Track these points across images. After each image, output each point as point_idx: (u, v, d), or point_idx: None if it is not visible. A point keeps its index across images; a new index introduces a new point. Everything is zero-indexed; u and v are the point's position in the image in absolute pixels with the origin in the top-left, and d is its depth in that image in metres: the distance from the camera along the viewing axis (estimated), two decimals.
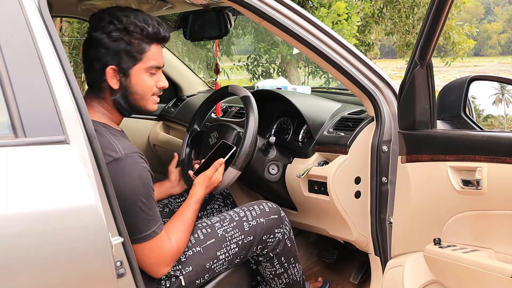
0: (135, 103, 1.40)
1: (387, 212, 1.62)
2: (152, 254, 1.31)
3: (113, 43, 1.31)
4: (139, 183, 1.27)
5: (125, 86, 1.36)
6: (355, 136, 1.66)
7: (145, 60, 1.36)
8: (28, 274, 0.98)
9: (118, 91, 1.36)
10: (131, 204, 1.25)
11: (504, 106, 1.79)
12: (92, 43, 1.33)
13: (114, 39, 1.31)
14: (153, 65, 1.37)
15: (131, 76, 1.36)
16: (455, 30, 7.05)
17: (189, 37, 2.22)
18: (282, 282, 1.65)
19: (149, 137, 2.79)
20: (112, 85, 1.35)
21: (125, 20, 1.32)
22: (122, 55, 1.33)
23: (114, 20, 1.32)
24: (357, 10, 6.13)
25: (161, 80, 1.42)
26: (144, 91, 1.38)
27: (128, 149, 1.29)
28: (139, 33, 1.33)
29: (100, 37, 1.32)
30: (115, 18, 1.32)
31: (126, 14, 1.34)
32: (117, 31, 1.32)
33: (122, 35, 1.32)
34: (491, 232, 1.36)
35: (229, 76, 7.87)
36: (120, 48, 1.32)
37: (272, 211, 1.59)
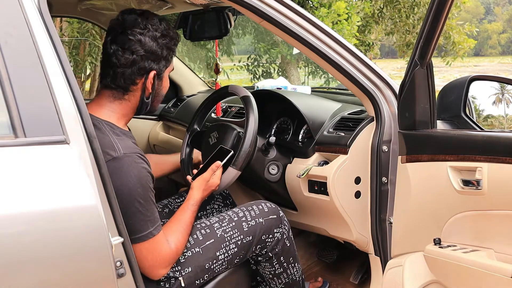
0: (155, 105, 1.47)
1: (387, 212, 1.62)
2: (149, 255, 1.31)
3: (159, 49, 1.36)
4: (137, 183, 1.27)
5: (156, 89, 1.42)
6: (355, 136, 1.66)
7: (171, 64, 1.45)
8: (28, 274, 0.98)
9: (149, 93, 1.41)
10: (128, 204, 1.24)
11: (504, 106, 1.79)
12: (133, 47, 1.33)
13: (161, 45, 1.37)
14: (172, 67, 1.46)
15: (163, 79, 1.44)
16: (455, 30, 7.06)
17: (189, 37, 2.22)
18: (281, 282, 1.65)
19: (149, 137, 2.79)
20: (149, 88, 1.39)
21: (164, 25, 1.38)
22: (162, 60, 1.39)
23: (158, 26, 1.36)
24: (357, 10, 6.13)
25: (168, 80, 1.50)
26: (165, 92, 1.47)
27: (127, 149, 1.29)
28: (175, 39, 1.42)
29: (147, 42, 1.34)
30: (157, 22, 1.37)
31: (159, 18, 1.39)
32: (163, 38, 1.37)
33: (167, 41, 1.38)
34: (491, 232, 1.36)
35: (229, 76, 7.88)
36: (163, 54, 1.38)
37: (271, 211, 1.59)
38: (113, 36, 1.35)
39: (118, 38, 1.34)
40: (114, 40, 1.35)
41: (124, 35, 1.34)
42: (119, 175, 1.23)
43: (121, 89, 1.37)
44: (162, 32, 1.37)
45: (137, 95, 1.39)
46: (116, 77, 1.36)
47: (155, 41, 1.35)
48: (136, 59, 1.34)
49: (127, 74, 1.35)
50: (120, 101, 1.38)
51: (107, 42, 1.37)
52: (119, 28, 1.35)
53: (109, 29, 1.38)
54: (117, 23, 1.37)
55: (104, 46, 1.39)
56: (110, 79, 1.36)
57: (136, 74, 1.36)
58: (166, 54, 1.39)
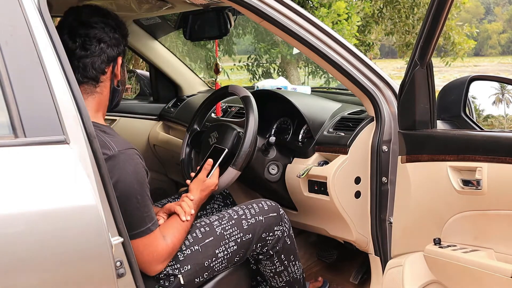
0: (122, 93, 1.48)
1: (387, 212, 1.62)
2: (146, 251, 1.31)
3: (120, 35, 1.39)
4: (134, 179, 1.27)
5: (123, 76, 1.45)
6: (355, 136, 1.66)
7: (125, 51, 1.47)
8: (28, 274, 0.98)
9: (118, 81, 1.43)
10: (126, 201, 1.24)
11: (504, 106, 1.79)
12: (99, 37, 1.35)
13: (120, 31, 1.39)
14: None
15: (124, 67, 1.45)
16: (455, 30, 7.07)
17: (189, 37, 2.22)
18: (282, 280, 1.65)
19: (149, 137, 2.79)
20: (118, 75, 1.41)
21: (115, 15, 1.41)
22: (122, 45, 1.41)
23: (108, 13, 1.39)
24: (357, 10, 6.14)
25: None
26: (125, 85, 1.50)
27: (122, 146, 1.29)
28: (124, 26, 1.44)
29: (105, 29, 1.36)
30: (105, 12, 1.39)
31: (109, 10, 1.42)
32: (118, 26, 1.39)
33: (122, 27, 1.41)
34: (491, 232, 1.36)
35: (229, 76, 7.87)
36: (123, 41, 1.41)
37: (271, 209, 1.59)
38: (71, 31, 1.35)
39: (79, 30, 1.35)
40: (75, 34, 1.35)
41: (85, 26, 1.35)
42: (116, 172, 1.23)
43: (92, 81, 1.37)
44: (115, 20, 1.40)
45: (108, 85, 1.40)
46: (86, 69, 1.35)
47: (114, 28, 1.38)
48: (103, 47, 1.35)
49: (97, 63, 1.36)
50: (93, 95, 1.38)
51: (65, 40, 1.34)
52: (75, 22, 1.36)
53: (61, 27, 1.37)
54: (70, 19, 1.38)
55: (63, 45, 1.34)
56: (80, 74, 1.35)
57: (105, 63, 1.37)
58: (124, 41, 1.42)
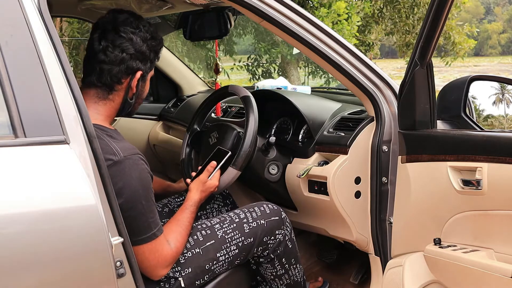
0: (136, 106, 1.47)
1: (387, 212, 1.62)
2: (151, 256, 1.31)
3: (148, 50, 1.38)
4: (139, 185, 1.27)
5: (140, 90, 1.43)
6: (355, 136, 1.66)
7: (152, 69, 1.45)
8: (28, 274, 0.98)
9: (133, 94, 1.41)
10: (132, 206, 1.24)
11: (504, 106, 1.79)
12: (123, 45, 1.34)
13: (150, 47, 1.38)
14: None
15: (146, 82, 1.44)
16: (455, 30, 7.06)
17: (189, 37, 2.22)
18: (283, 283, 1.65)
19: (149, 137, 2.79)
20: (134, 88, 1.40)
21: (152, 28, 1.40)
22: (148, 62, 1.40)
23: (148, 28, 1.38)
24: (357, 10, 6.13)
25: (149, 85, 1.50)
26: (145, 95, 1.47)
27: (127, 151, 1.28)
28: (161, 43, 1.44)
29: (137, 42, 1.35)
30: (147, 24, 1.39)
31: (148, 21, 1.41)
32: (152, 40, 1.39)
33: (155, 43, 1.40)
34: (491, 232, 1.36)
35: (229, 76, 7.87)
36: (150, 56, 1.40)
37: (273, 213, 1.59)
38: (103, 32, 1.35)
39: (108, 35, 1.34)
40: (104, 37, 1.34)
41: (115, 32, 1.34)
42: (121, 178, 1.22)
43: (106, 87, 1.36)
44: (152, 35, 1.39)
45: (121, 95, 1.39)
46: (102, 74, 1.35)
47: (145, 42, 1.37)
48: (125, 57, 1.34)
49: (114, 72, 1.34)
50: (104, 101, 1.37)
51: (94, 39, 1.36)
52: (109, 25, 1.35)
53: (97, 26, 1.38)
54: (107, 20, 1.37)
55: (90, 43, 1.37)
56: (96, 76, 1.35)
57: (123, 73, 1.35)
58: (153, 56, 1.41)
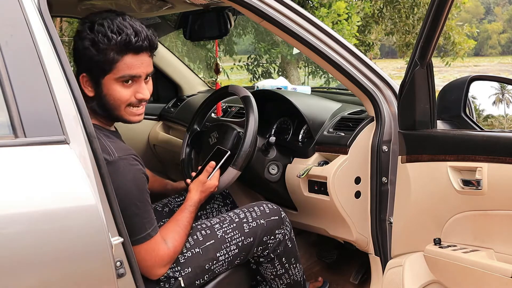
0: (111, 112, 1.36)
1: (387, 212, 1.62)
2: (148, 256, 1.31)
3: (83, 50, 1.28)
4: (133, 186, 1.27)
5: (98, 95, 1.33)
6: (355, 136, 1.66)
7: (116, 71, 1.29)
8: (28, 274, 0.98)
9: (93, 99, 1.33)
10: (125, 207, 1.23)
11: (504, 106, 1.79)
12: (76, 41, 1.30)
13: (84, 47, 1.28)
14: (125, 75, 1.30)
15: (102, 86, 1.31)
16: (455, 30, 7.06)
17: (189, 37, 2.22)
18: (283, 282, 1.65)
19: (149, 137, 2.79)
20: (86, 93, 1.32)
21: (97, 28, 1.27)
22: (92, 64, 1.29)
23: (87, 28, 1.29)
24: (357, 10, 6.13)
25: (141, 91, 1.34)
26: (116, 102, 1.33)
27: (121, 151, 1.28)
28: (105, 44, 1.26)
29: (76, 43, 1.29)
30: (90, 25, 1.28)
31: (101, 21, 1.28)
32: (88, 40, 1.27)
33: (90, 44, 1.27)
34: (491, 232, 1.36)
35: (229, 76, 7.87)
36: (91, 59, 1.28)
37: (273, 212, 1.59)
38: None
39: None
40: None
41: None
42: (115, 178, 1.20)
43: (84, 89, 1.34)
44: (87, 35, 1.27)
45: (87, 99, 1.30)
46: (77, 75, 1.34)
47: (81, 42, 1.28)
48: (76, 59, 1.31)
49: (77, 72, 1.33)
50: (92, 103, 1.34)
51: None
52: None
53: None
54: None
55: None
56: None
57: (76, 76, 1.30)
58: (96, 59, 1.27)
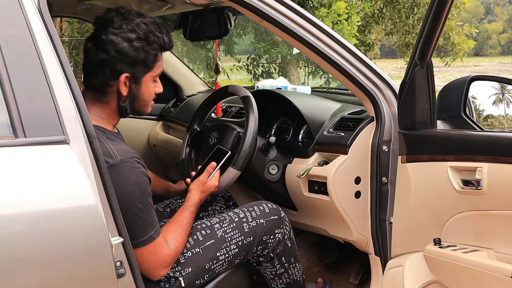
0: (139, 109, 1.41)
1: (387, 212, 1.62)
2: (150, 257, 1.31)
3: (133, 51, 1.29)
4: (136, 189, 1.26)
5: (134, 93, 1.36)
6: (355, 136, 1.66)
7: (156, 69, 1.37)
8: (28, 274, 0.98)
9: (127, 97, 1.35)
10: (128, 210, 1.23)
11: (504, 106, 1.79)
12: (106, 47, 1.28)
13: (135, 48, 1.29)
14: (160, 73, 1.40)
15: (141, 84, 1.36)
16: (455, 30, 7.06)
17: (189, 37, 2.22)
18: (282, 282, 1.65)
19: (149, 137, 2.79)
20: (122, 92, 1.33)
21: (144, 28, 1.31)
22: (139, 64, 1.32)
23: (135, 27, 1.30)
24: (357, 10, 6.13)
25: (159, 85, 1.43)
26: (149, 98, 1.41)
27: (124, 154, 1.28)
28: (157, 44, 1.34)
29: (119, 43, 1.28)
30: (136, 24, 1.30)
31: (143, 20, 1.32)
32: (139, 41, 1.30)
33: (143, 44, 1.30)
34: (491, 232, 1.36)
35: (229, 76, 7.87)
36: (138, 58, 1.31)
37: (272, 212, 1.59)
38: (92, 33, 1.34)
39: (94, 36, 1.32)
40: (91, 38, 1.33)
41: (98, 33, 1.31)
42: (118, 181, 1.20)
43: (98, 90, 1.34)
44: (138, 35, 1.30)
45: (114, 99, 1.35)
46: (92, 77, 1.33)
47: (129, 43, 1.29)
48: (107, 59, 1.29)
49: (100, 74, 1.31)
50: (101, 104, 1.35)
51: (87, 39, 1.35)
52: (96, 26, 1.33)
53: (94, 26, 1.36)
54: (96, 20, 1.35)
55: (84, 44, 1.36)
56: (88, 78, 1.34)
57: (108, 76, 1.31)
58: (144, 57, 1.32)
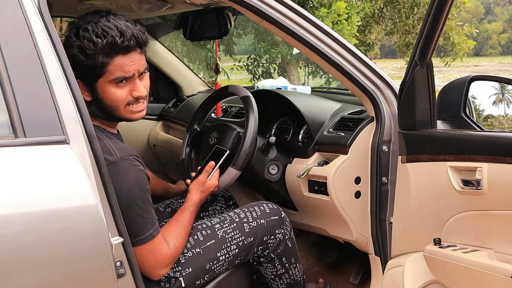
0: (111, 114, 1.35)
1: (387, 212, 1.62)
2: (150, 256, 1.31)
3: (72, 57, 1.23)
4: (135, 186, 1.27)
5: (96, 99, 1.32)
6: (355, 136, 1.66)
7: (108, 74, 1.28)
8: (28, 274, 0.98)
9: (91, 103, 1.33)
10: (128, 207, 1.24)
11: (504, 106, 1.79)
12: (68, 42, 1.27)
13: (73, 54, 1.25)
14: (118, 77, 1.29)
15: (97, 90, 1.31)
16: (455, 30, 7.06)
17: (189, 37, 2.22)
18: (283, 282, 1.65)
19: (149, 137, 2.79)
20: (84, 97, 1.25)
21: (82, 34, 1.25)
22: (84, 70, 1.26)
23: (73, 34, 1.26)
24: (357, 10, 6.13)
25: (136, 89, 1.33)
26: (114, 104, 1.32)
27: (123, 152, 1.28)
28: (92, 49, 1.25)
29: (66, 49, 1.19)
30: (76, 31, 1.26)
31: (85, 26, 1.26)
32: (75, 47, 1.25)
33: (78, 51, 1.25)
34: (491, 232, 1.36)
35: (229, 76, 7.87)
36: (80, 64, 1.25)
37: (273, 212, 1.59)
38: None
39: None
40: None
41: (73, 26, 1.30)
42: (117, 179, 1.21)
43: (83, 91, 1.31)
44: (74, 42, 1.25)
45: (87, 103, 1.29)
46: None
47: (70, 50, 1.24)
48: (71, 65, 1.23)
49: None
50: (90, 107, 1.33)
51: None
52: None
53: None
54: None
55: None
56: None
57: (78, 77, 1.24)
58: (85, 64, 1.26)
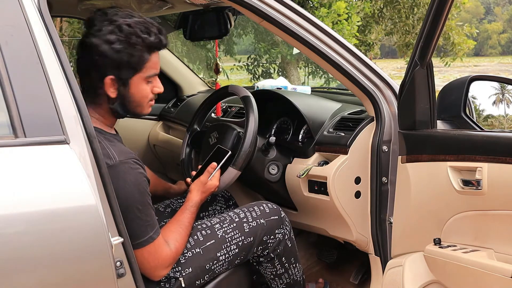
0: (132, 110, 1.38)
1: (387, 212, 1.62)
2: (150, 258, 1.31)
3: (114, 54, 1.26)
4: (135, 190, 1.26)
5: (123, 95, 1.33)
6: (355, 136, 1.66)
7: (145, 70, 1.33)
8: (28, 274, 0.98)
9: (116, 99, 1.33)
10: (127, 211, 1.23)
11: (504, 106, 1.79)
12: (90, 50, 1.27)
13: (116, 50, 1.26)
14: (152, 73, 1.35)
15: (130, 86, 1.33)
16: (455, 30, 7.06)
17: (189, 37, 2.22)
18: (283, 282, 1.65)
19: (149, 137, 2.79)
20: (110, 94, 1.31)
21: (127, 29, 1.27)
22: (123, 66, 1.29)
23: (115, 29, 1.27)
24: (357, 10, 6.13)
25: (157, 85, 1.39)
26: (142, 99, 1.36)
27: (122, 155, 1.28)
28: (140, 45, 1.29)
29: (100, 45, 1.25)
30: (116, 26, 1.27)
31: (127, 21, 1.28)
32: (119, 43, 1.26)
33: (124, 46, 1.27)
34: (491, 232, 1.36)
35: (229, 76, 7.87)
36: (122, 60, 1.28)
37: (273, 212, 1.59)
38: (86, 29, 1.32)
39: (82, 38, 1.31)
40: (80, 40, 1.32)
41: (84, 35, 1.30)
42: (116, 182, 1.20)
43: (90, 92, 1.32)
44: (118, 36, 1.26)
45: (105, 100, 1.33)
46: (82, 79, 1.33)
47: (109, 45, 1.26)
48: (91, 62, 1.28)
49: (88, 77, 1.31)
50: (95, 105, 1.34)
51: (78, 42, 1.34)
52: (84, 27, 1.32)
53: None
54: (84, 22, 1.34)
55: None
56: (80, 80, 1.33)
57: (95, 78, 1.29)
58: (128, 60, 1.28)
